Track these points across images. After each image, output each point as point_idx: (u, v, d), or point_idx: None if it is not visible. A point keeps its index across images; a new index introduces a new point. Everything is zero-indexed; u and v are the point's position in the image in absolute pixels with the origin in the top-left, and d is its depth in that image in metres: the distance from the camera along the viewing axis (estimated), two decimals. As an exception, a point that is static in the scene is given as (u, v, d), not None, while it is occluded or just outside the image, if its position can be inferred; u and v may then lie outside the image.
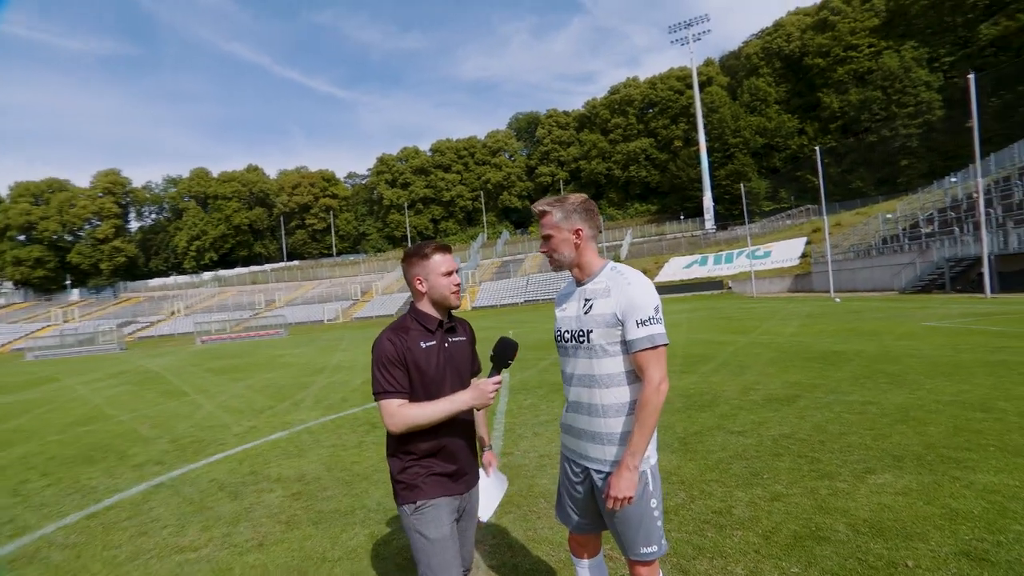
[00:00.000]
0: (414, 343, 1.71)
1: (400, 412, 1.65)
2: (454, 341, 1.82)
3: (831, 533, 2.69)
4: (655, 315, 1.60)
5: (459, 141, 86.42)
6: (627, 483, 1.58)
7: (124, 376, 14.85)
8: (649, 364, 1.58)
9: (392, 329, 1.75)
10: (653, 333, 1.58)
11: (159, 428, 6.91)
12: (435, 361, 1.73)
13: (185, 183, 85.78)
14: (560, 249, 1.72)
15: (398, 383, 1.67)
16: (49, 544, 3.42)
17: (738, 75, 69.82)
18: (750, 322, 14.71)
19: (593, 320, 1.66)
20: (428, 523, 1.67)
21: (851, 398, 5.34)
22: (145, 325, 54.02)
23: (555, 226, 1.71)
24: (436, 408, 1.65)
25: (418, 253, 1.77)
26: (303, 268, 76.22)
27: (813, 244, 38.36)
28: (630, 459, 1.58)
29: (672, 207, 69.78)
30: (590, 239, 1.74)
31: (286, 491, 4.05)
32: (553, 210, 1.72)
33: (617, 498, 1.58)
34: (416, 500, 1.69)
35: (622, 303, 1.61)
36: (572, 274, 1.80)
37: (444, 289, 1.76)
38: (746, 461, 3.82)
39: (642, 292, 1.61)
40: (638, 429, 1.58)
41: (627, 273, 1.68)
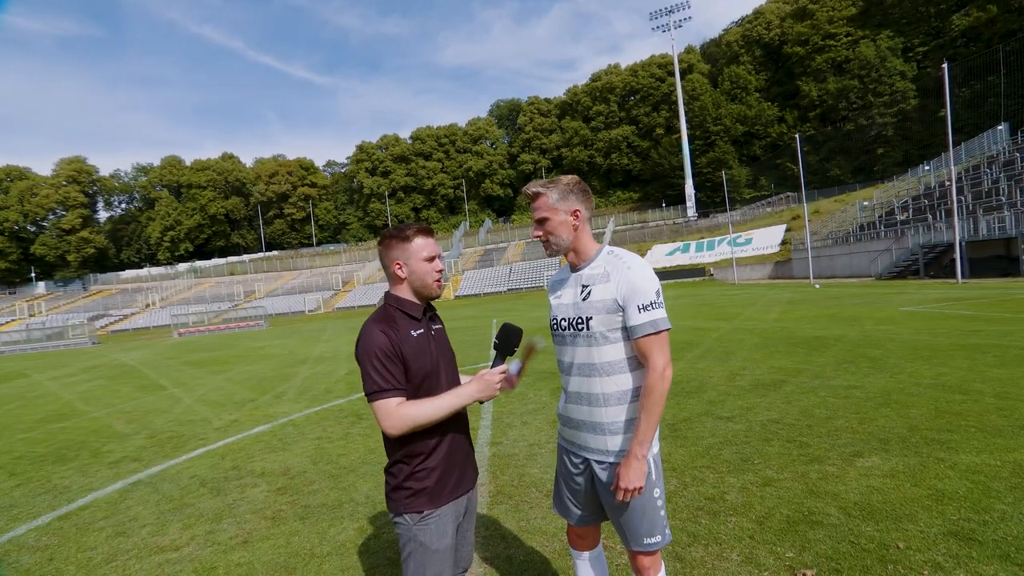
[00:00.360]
0: (405, 333, 1.56)
1: (400, 412, 1.48)
2: (438, 329, 1.72)
3: (823, 517, 2.70)
4: (657, 299, 1.55)
5: (440, 128, 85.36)
6: (636, 473, 1.54)
7: (97, 370, 14.39)
8: (652, 350, 1.53)
9: (377, 320, 1.56)
10: (656, 318, 1.53)
11: (136, 423, 6.69)
12: (428, 350, 1.59)
13: (156, 172, 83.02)
14: (557, 232, 1.63)
15: (396, 379, 1.50)
16: (19, 547, 3.27)
17: (719, 63, 70.12)
18: (733, 308, 14.89)
19: (592, 306, 1.60)
20: (433, 534, 1.55)
21: (835, 382, 5.41)
22: (118, 318, 52.56)
23: (551, 208, 1.63)
24: (440, 404, 1.51)
25: (398, 235, 1.60)
26: (283, 258, 74.86)
27: (793, 231, 38.98)
28: (638, 448, 1.54)
29: (654, 195, 70.17)
30: (586, 221, 1.67)
31: (271, 486, 3.95)
32: (548, 191, 1.63)
33: (627, 489, 1.54)
34: (423, 510, 1.55)
35: (622, 288, 1.55)
36: (567, 259, 1.72)
37: (427, 276, 1.61)
38: (736, 447, 3.84)
39: (643, 276, 1.56)
40: (645, 417, 1.54)
41: (625, 257, 1.62)
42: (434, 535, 1.55)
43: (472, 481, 1.72)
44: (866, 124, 53.65)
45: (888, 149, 52.80)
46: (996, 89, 43.74)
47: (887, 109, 52.23)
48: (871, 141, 53.97)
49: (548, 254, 1.70)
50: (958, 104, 42.35)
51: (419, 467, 1.57)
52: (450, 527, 1.59)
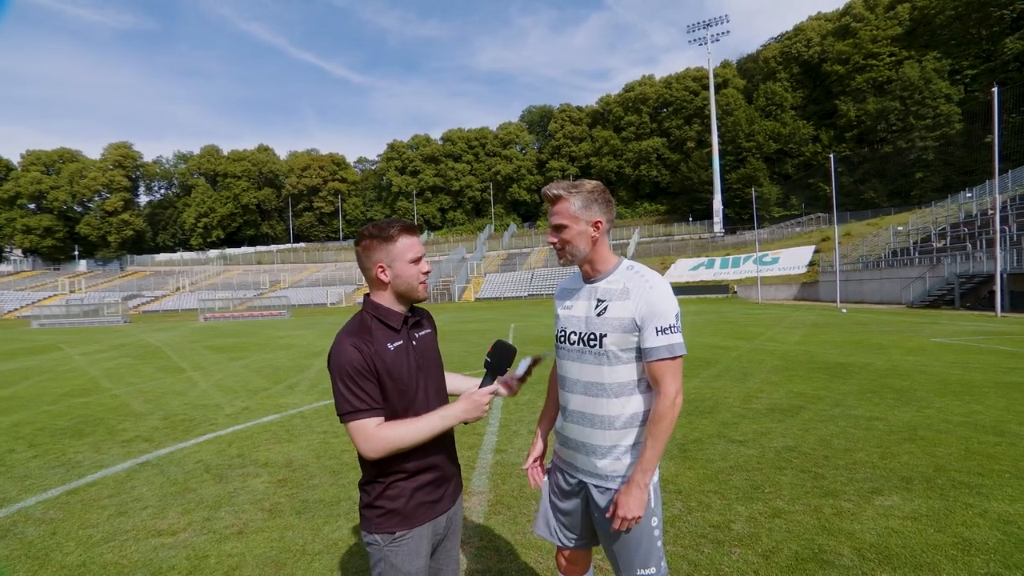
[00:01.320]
0: (381, 346, 1.42)
1: (379, 435, 1.36)
2: (421, 336, 1.56)
3: (835, 557, 2.55)
4: (676, 323, 1.48)
5: (471, 131, 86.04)
6: (637, 502, 1.46)
7: (124, 349, 14.84)
8: (665, 376, 1.46)
9: (350, 332, 1.43)
10: (673, 343, 1.46)
11: (152, 404, 6.84)
12: (405, 365, 1.46)
13: (195, 160, 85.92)
14: (575, 242, 1.53)
15: (371, 398, 1.38)
16: (26, 518, 3.34)
17: (755, 78, 68.98)
18: (754, 328, 14.52)
19: (608, 323, 1.50)
20: (404, 556, 1.44)
21: (857, 412, 5.18)
22: (150, 299, 54.34)
23: (572, 216, 1.52)
24: (422, 426, 1.41)
25: (380, 235, 1.45)
26: (309, 250, 76.35)
27: (821, 253, 37.97)
28: (640, 476, 1.47)
29: (681, 208, 69.30)
30: (606, 233, 1.57)
31: (272, 477, 3.95)
32: (571, 197, 1.52)
33: (626, 518, 1.47)
34: (395, 531, 1.44)
35: (642, 308, 1.47)
36: (582, 270, 1.62)
37: (412, 279, 1.47)
38: (747, 473, 3.69)
39: (664, 297, 1.48)
40: (651, 445, 1.46)
41: (647, 275, 1.53)
42: (406, 557, 1.44)
43: (453, 500, 1.60)
44: (905, 147, 52.00)
45: (927, 174, 51.07)
46: (1048, 117, 41.97)
47: (929, 133, 50.54)
48: (910, 164, 52.27)
49: (562, 263, 1.60)
50: (1007, 131, 40.68)
51: (393, 486, 1.45)
52: (424, 548, 1.49)
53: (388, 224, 1.47)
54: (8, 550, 2.94)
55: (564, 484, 1.70)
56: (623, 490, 1.49)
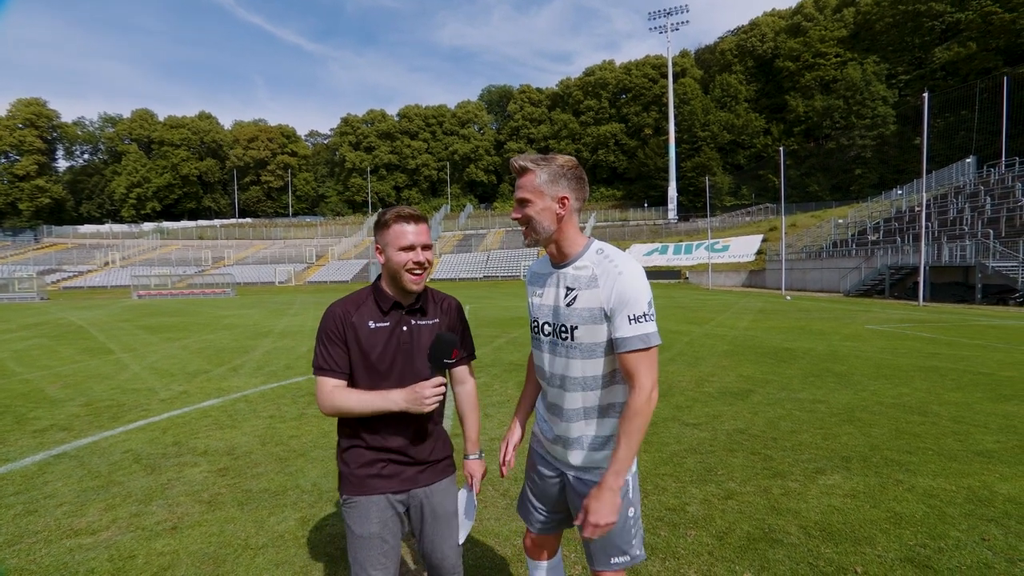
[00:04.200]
0: (361, 320, 1.53)
1: (330, 395, 1.50)
2: (420, 324, 1.59)
3: (783, 535, 2.63)
4: (649, 311, 1.36)
5: (428, 108, 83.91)
6: (609, 507, 1.36)
7: (39, 328, 13.64)
8: (640, 368, 1.35)
9: (345, 300, 1.58)
10: (647, 332, 1.35)
11: (72, 389, 6.28)
12: (382, 346, 1.53)
13: (125, 124, 78.97)
14: (538, 219, 1.42)
15: (335, 362, 1.51)
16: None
17: (711, 70, 70.68)
18: (705, 313, 15.04)
19: (578, 315, 1.41)
20: (354, 519, 1.54)
21: (801, 395, 5.42)
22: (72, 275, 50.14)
23: (536, 190, 1.41)
24: (365, 400, 1.49)
25: (379, 219, 1.55)
26: (256, 226, 72.74)
27: (769, 242, 39.75)
28: (612, 480, 1.36)
29: (637, 194, 70.64)
30: (574, 212, 1.45)
31: (212, 466, 3.70)
32: (538, 170, 1.41)
33: (598, 525, 1.36)
34: (345, 493, 1.56)
35: (612, 296, 1.36)
36: (548, 251, 1.50)
37: (398, 265, 1.51)
38: (701, 456, 3.76)
39: (634, 283, 1.36)
40: (624, 443, 1.35)
41: (617, 259, 1.41)
42: (356, 520, 1.54)
43: (419, 483, 1.60)
44: (847, 144, 54.96)
45: (865, 171, 54.24)
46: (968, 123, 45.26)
47: (867, 132, 53.58)
48: (850, 161, 55.35)
49: (526, 243, 1.49)
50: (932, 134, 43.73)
51: (351, 451, 1.57)
52: (374, 517, 1.54)
53: (388, 209, 1.56)
54: None
55: (543, 470, 1.65)
56: (593, 494, 1.38)
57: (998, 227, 22.08)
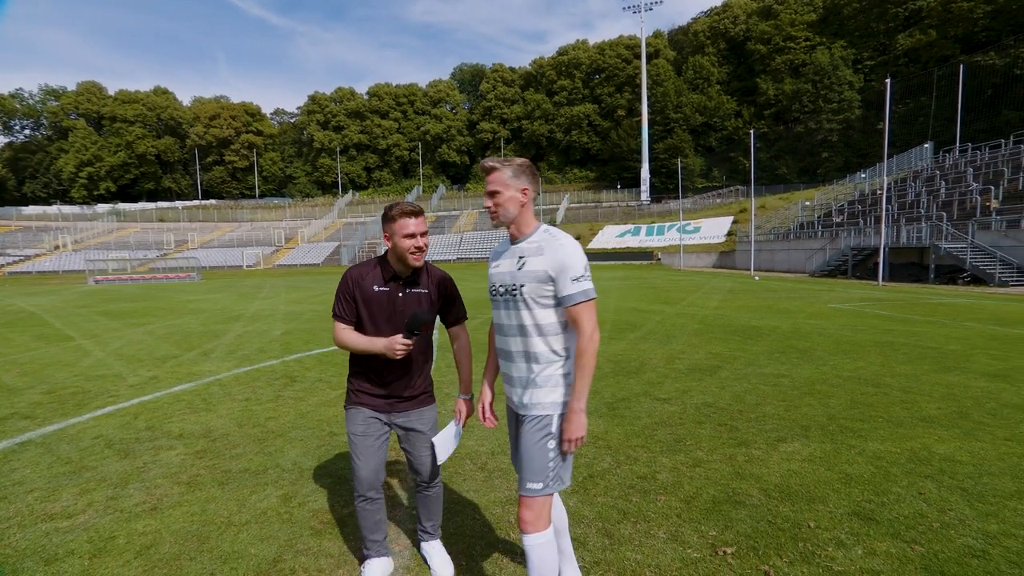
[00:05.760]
0: (368, 284, 2.11)
1: (338, 334, 2.13)
2: (412, 292, 2.13)
3: (746, 498, 2.81)
4: (585, 273, 1.75)
5: (399, 87, 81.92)
6: (577, 425, 1.73)
7: (-4, 314, 13.03)
8: (582, 316, 1.72)
9: (361, 264, 2.17)
10: (586, 288, 1.73)
11: (31, 377, 6.07)
12: (381, 304, 2.11)
13: (71, 97, 74.38)
14: (506, 205, 1.81)
15: (345, 312, 2.12)
16: None
17: (684, 51, 70.94)
18: (676, 293, 15.41)
19: (526, 275, 1.78)
20: (350, 422, 2.19)
21: (767, 370, 5.68)
22: (18, 259, 47.64)
23: (504, 183, 1.80)
24: (357, 341, 2.09)
25: (387, 213, 2.07)
26: (220, 208, 70.37)
27: (739, 224, 40.68)
28: (576, 403, 1.74)
29: (610, 176, 70.99)
30: (531, 200, 1.86)
31: (189, 448, 3.68)
32: (504, 168, 1.81)
33: (570, 439, 1.73)
34: (346, 405, 2.23)
35: (554, 263, 1.73)
36: (509, 231, 1.89)
37: (404, 251, 2.05)
38: (670, 428, 3.94)
39: (572, 254, 1.74)
40: (579, 376, 1.73)
41: (559, 236, 1.80)
42: (350, 423, 2.19)
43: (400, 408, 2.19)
44: (814, 128, 56.28)
45: (832, 154, 55.76)
46: (926, 109, 46.92)
47: (834, 116, 54.92)
48: (817, 145, 56.76)
49: (494, 224, 1.87)
50: (894, 120, 45.22)
51: (352, 376, 2.23)
52: (359, 421, 2.17)
53: (395, 205, 2.08)
54: None
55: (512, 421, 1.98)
56: (566, 417, 1.75)
57: (951, 210, 23.15)
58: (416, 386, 2.22)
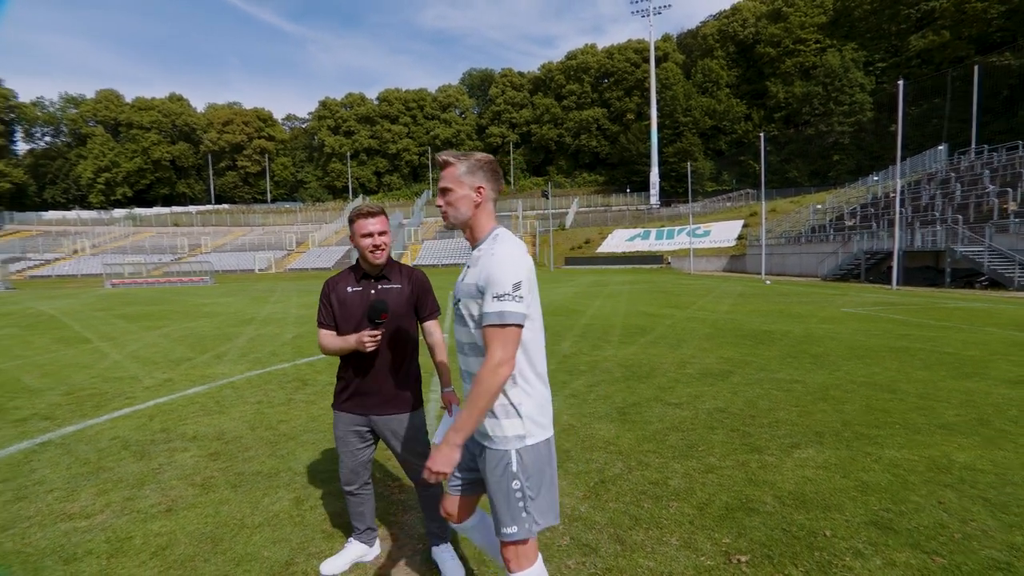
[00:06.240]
0: (342, 287, 2.22)
1: (320, 339, 2.24)
2: (385, 288, 2.22)
3: (760, 505, 2.78)
4: (512, 292, 1.44)
5: (408, 92, 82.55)
6: (443, 458, 1.45)
7: (10, 318, 13.26)
8: (493, 342, 1.44)
9: (337, 275, 2.28)
10: (504, 310, 1.43)
11: (50, 378, 6.18)
12: (355, 304, 2.19)
13: (90, 105, 75.95)
14: (457, 205, 1.61)
15: (323, 316, 2.23)
16: (-96, 507, 2.93)
17: (693, 55, 70.77)
18: (687, 298, 15.32)
19: (463, 289, 1.60)
20: (335, 424, 2.31)
21: (779, 376, 5.62)
22: (38, 263, 48.48)
23: (457, 180, 1.60)
24: (334, 342, 2.18)
25: (349, 216, 2.20)
26: (233, 213, 71.17)
27: (749, 227, 40.37)
28: (452, 435, 1.46)
29: (619, 179, 70.85)
30: (489, 200, 1.63)
31: (202, 451, 3.72)
32: (458, 163, 1.60)
33: (430, 470, 1.47)
34: (333, 406, 2.33)
35: (483, 275, 1.50)
36: (465, 236, 1.68)
37: (363, 249, 2.16)
38: (682, 433, 3.91)
39: (501, 265, 1.47)
40: (466, 407, 1.45)
41: (499, 242, 1.55)
42: (335, 425, 2.31)
43: (378, 410, 2.23)
44: (826, 131, 55.78)
45: (843, 157, 55.22)
46: (940, 111, 46.28)
47: (845, 118, 54.41)
48: (828, 147, 56.25)
49: (446, 225, 1.68)
50: (907, 122, 44.69)
51: (337, 378, 2.33)
52: (340, 426, 2.28)
53: (354, 209, 2.19)
54: None
55: None
56: (435, 445, 1.57)
57: (967, 213, 22.79)
58: (392, 388, 2.23)
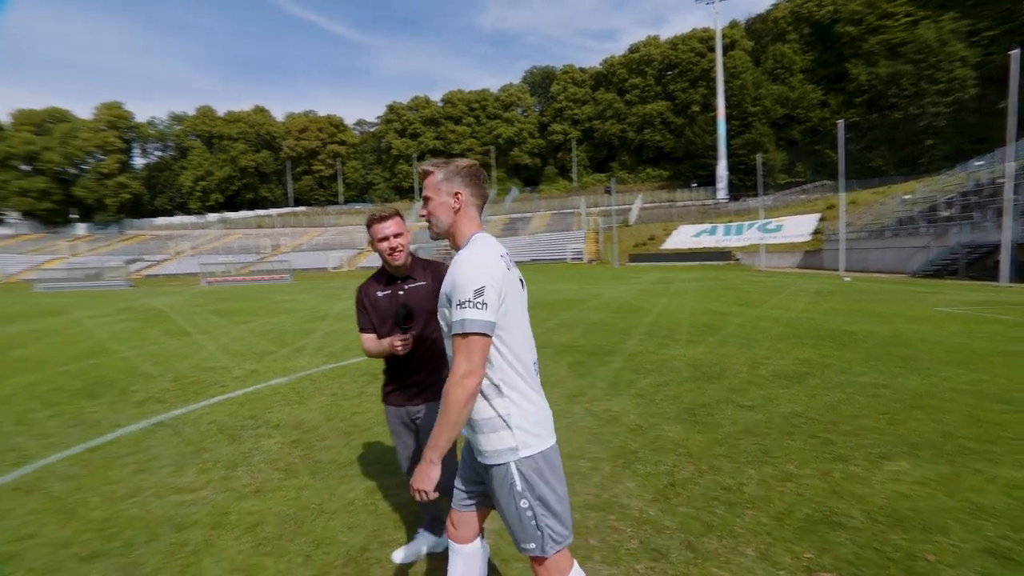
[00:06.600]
0: (373, 292, 2.34)
1: (362, 344, 2.37)
2: (411, 287, 2.30)
3: (846, 519, 2.60)
4: (473, 298, 1.39)
5: (471, 93, 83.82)
6: (422, 475, 1.45)
7: (130, 312, 14.87)
8: (457, 352, 1.41)
9: (367, 280, 2.39)
10: (464, 318, 1.38)
11: (161, 366, 6.88)
12: (385, 307, 2.29)
13: (190, 121, 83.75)
14: (437, 212, 1.58)
15: (363, 321, 2.36)
16: (50, 474, 3.41)
17: (763, 40, 66.63)
18: (758, 295, 14.52)
19: (440, 299, 1.56)
20: (388, 418, 2.46)
21: (863, 380, 5.21)
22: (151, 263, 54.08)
23: (435, 187, 1.58)
24: (373, 346, 2.32)
25: (366, 222, 2.27)
26: (309, 214, 75.58)
27: (826, 221, 37.61)
28: (428, 452, 1.44)
29: (685, 174, 68.21)
30: (470, 206, 1.59)
31: (285, 438, 4.00)
32: (436, 170, 1.59)
33: (413, 487, 1.49)
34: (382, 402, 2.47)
35: (448, 282, 1.48)
36: (450, 244, 1.62)
37: (382, 253, 2.25)
38: (756, 437, 3.73)
39: (463, 271, 1.43)
40: (438, 422, 1.42)
41: (468, 248, 1.51)
42: (388, 419, 2.46)
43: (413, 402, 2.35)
44: (916, 113, 50.68)
45: (938, 141, 49.92)
46: (1066, 82, 40.70)
47: (942, 98, 49.12)
48: (919, 131, 51.06)
49: (431, 236, 1.65)
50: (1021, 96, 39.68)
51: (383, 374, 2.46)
52: (392, 419, 2.42)
53: (368, 214, 2.26)
54: (35, 504, 3.01)
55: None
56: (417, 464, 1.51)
57: (1095, 199, 19.92)
58: (425, 379, 2.34)
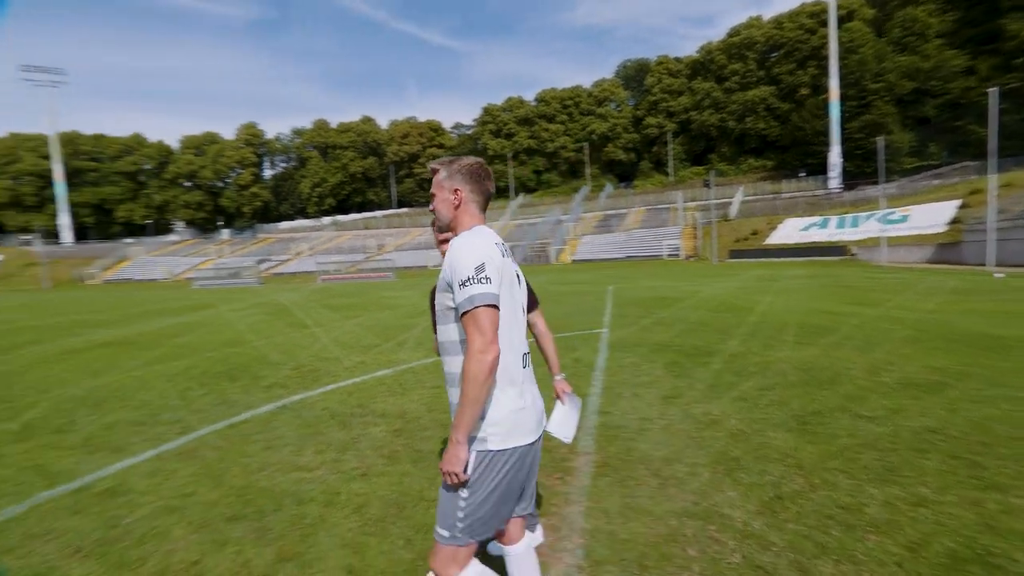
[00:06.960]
0: None
1: None
2: None
3: (1007, 562, 2.21)
4: (475, 275, 1.48)
5: (564, 90, 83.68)
6: (450, 457, 1.50)
7: (261, 307, 16.82)
8: (469, 329, 1.47)
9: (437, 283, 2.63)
10: (472, 293, 1.46)
11: (284, 355, 7.70)
12: None
13: (308, 134, 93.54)
14: (439, 208, 1.70)
15: None
16: (203, 444, 4.00)
17: (888, 6, 58.70)
18: (878, 294, 12.93)
19: (438, 285, 1.65)
20: None
21: (1021, 394, 4.45)
22: (277, 263, 60.82)
23: (439, 184, 1.70)
24: None
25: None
26: (411, 215, 80.00)
27: (970, 208, 32.48)
28: (454, 433, 1.49)
29: (791, 163, 62.51)
30: (470, 202, 1.69)
31: (389, 427, 4.29)
32: (441, 168, 1.70)
33: (442, 469, 1.53)
34: None
35: (448, 267, 1.55)
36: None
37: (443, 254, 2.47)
38: (879, 453, 3.35)
39: (460, 254, 1.52)
40: (462, 403, 1.47)
41: (463, 236, 1.60)
42: None
43: None
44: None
45: None
46: None
47: None
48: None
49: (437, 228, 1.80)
50: None
51: None
52: None
53: None
54: (194, 468, 3.56)
55: None
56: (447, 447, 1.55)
57: None
58: None
